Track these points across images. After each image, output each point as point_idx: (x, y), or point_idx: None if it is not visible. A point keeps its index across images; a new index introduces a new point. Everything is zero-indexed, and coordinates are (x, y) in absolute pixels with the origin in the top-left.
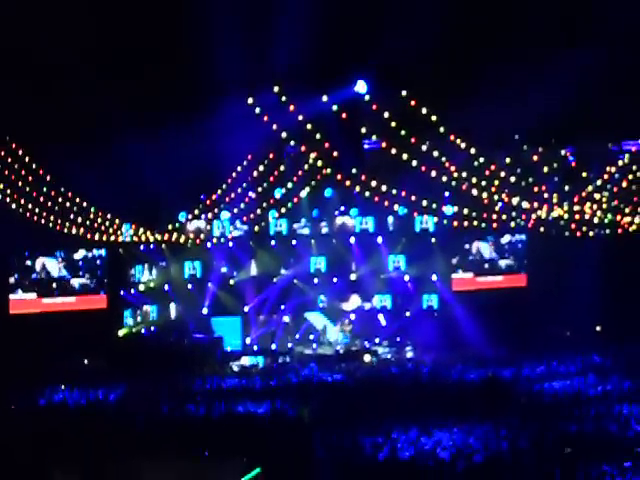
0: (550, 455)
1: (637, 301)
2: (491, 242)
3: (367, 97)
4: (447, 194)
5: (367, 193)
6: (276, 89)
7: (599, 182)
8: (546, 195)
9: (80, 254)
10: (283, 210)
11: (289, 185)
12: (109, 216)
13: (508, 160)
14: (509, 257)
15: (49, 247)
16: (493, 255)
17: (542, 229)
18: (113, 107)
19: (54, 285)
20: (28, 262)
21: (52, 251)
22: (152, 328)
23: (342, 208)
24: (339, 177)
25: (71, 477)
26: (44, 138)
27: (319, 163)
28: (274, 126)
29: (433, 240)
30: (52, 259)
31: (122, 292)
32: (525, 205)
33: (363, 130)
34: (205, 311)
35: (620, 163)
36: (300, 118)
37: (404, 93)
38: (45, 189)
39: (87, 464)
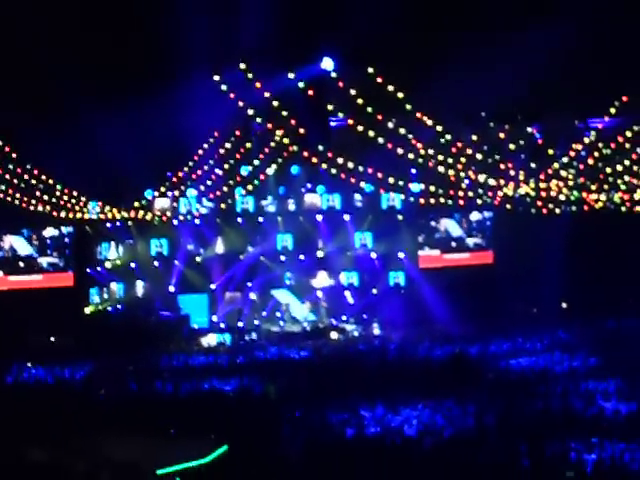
0: (516, 432)
1: (603, 278)
2: (463, 220)
3: (333, 74)
4: (414, 171)
5: (334, 170)
6: (242, 66)
7: (565, 159)
8: (512, 172)
9: (48, 232)
10: (250, 187)
11: (256, 162)
12: (75, 193)
13: (475, 137)
14: (477, 235)
15: (15, 225)
16: (461, 233)
17: (509, 206)
18: (79, 84)
19: (21, 263)
20: None
21: (19, 229)
22: (119, 306)
23: (309, 185)
24: (305, 154)
25: (38, 454)
26: (9, 115)
27: (285, 140)
28: (240, 103)
29: (400, 217)
30: (19, 237)
31: (89, 270)
32: (492, 182)
33: (330, 107)
34: (172, 289)
35: (586, 140)
36: (266, 95)
37: (371, 70)
38: (11, 166)
39: (54, 441)
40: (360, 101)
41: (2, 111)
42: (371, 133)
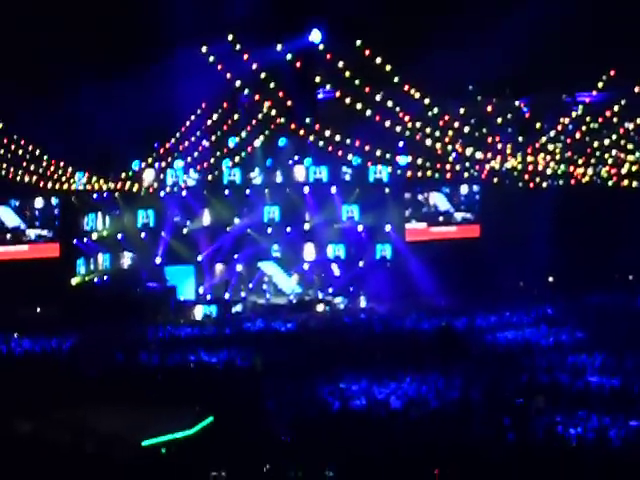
0: (502, 405)
1: (589, 252)
2: (453, 194)
3: (321, 46)
4: (401, 144)
5: (321, 142)
6: (230, 37)
7: (553, 133)
8: (500, 146)
9: (37, 203)
10: (237, 159)
11: (243, 134)
12: (62, 164)
13: (462, 110)
14: (465, 209)
15: (2, 196)
16: (449, 207)
17: (496, 180)
18: (66, 56)
19: (8, 235)
20: None
21: (6, 200)
22: (105, 277)
23: (296, 157)
24: (293, 126)
25: (23, 425)
26: None
27: (273, 112)
28: (228, 75)
29: (387, 190)
30: (6, 208)
31: (75, 241)
32: (479, 156)
33: (317, 79)
34: (158, 260)
35: (574, 114)
36: (254, 67)
37: (358, 43)
38: None
39: (40, 412)
40: (348, 73)
41: None
42: (359, 106)
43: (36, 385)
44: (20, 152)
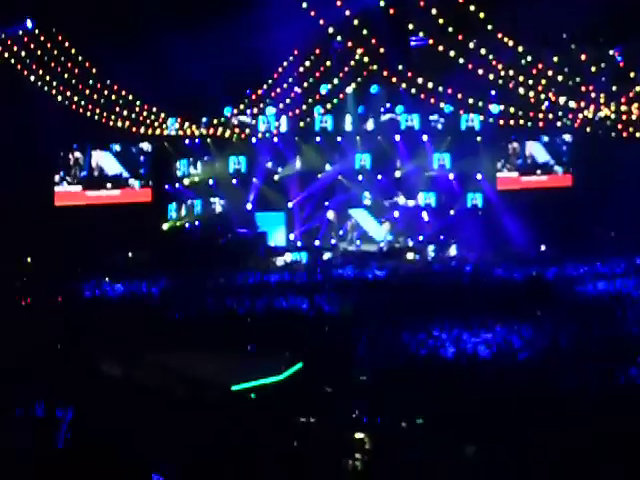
0: (590, 356)
1: None
2: (551, 143)
3: None
4: (493, 92)
5: (413, 90)
6: None
7: None
8: (593, 95)
9: (140, 147)
10: (329, 106)
11: (335, 81)
12: (154, 110)
13: (555, 59)
14: (566, 161)
15: (98, 140)
16: (548, 159)
17: (588, 129)
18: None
19: (101, 179)
20: (77, 155)
21: (103, 145)
22: (196, 222)
23: (388, 105)
24: (385, 74)
25: (114, 369)
26: (90, 29)
27: (365, 59)
28: (321, 21)
29: (478, 139)
30: (105, 153)
31: (167, 186)
32: (572, 105)
33: (410, 26)
34: (249, 206)
35: None
36: (347, 13)
37: None
38: (91, 82)
39: (130, 355)
40: (441, 21)
41: (81, 26)
42: (451, 53)
43: (127, 329)
44: (113, 97)
